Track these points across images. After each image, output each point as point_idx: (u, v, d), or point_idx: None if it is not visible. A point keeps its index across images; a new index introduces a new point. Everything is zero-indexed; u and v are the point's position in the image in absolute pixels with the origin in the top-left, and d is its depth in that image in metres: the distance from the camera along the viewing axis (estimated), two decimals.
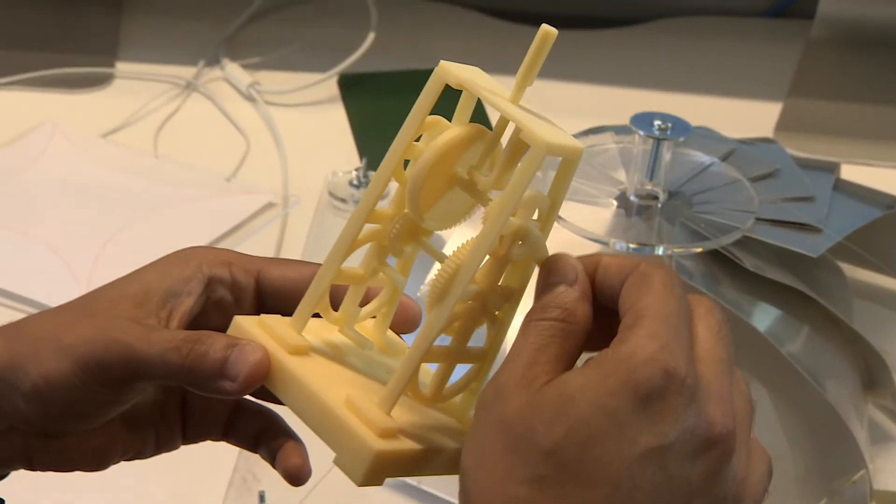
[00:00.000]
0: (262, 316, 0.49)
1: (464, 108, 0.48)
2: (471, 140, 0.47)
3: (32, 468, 0.52)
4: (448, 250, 0.47)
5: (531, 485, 0.42)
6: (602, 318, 0.46)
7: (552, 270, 0.46)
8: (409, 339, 0.49)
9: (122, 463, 0.53)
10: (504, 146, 0.46)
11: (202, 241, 0.94)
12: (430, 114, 0.47)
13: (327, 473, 0.59)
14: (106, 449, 0.52)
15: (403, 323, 0.52)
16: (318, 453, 0.50)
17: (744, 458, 0.44)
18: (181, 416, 0.53)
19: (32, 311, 0.88)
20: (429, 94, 0.46)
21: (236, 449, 0.76)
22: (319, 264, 0.49)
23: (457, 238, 0.72)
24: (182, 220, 0.96)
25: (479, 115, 0.47)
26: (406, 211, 0.48)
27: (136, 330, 0.49)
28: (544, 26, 0.45)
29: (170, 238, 0.94)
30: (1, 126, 1.04)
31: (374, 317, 0.52)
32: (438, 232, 0.51)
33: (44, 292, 0.88)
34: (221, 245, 0.94)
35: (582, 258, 0.47)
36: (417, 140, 0.48)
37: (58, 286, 0.89)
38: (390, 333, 0.52)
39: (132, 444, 0.53)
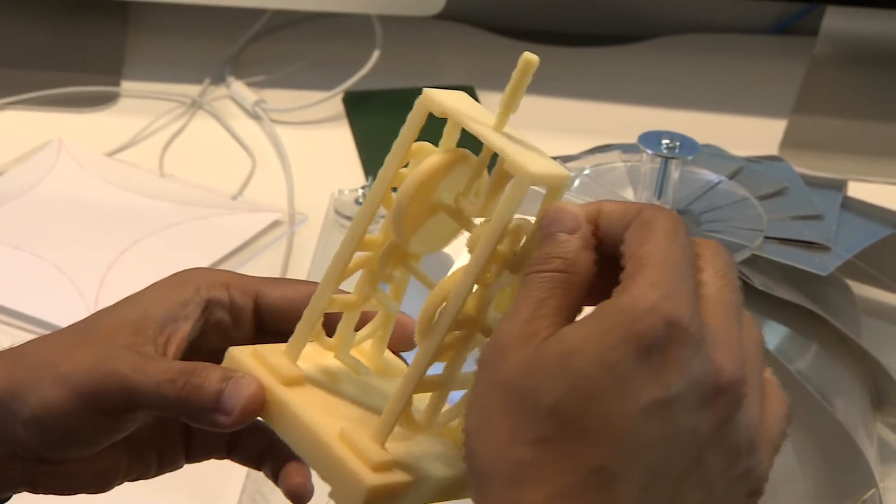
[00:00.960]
0: (257, 346, 0.49)
1: (450, 134, 0.48)
2: (454, 166, 0.47)
3: (35, 491, 0.52)
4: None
5: (535, 445, 0.42)
6: (605, 267, 0.45)
7: (553, 220, 0.45)
8: (409, 357, 0.50)
9: (129, 486, 0.53)
10: (490, 173, 0.47)
11: (209, 260, 0.94)
12: (421, 138, 0.47)
13: None
14: (108, 471, 0.52)
15: (401, 341, 0.52)
16: None
17: (757, 402, 0.43)
18: (184, 436, 0.54)
19: (42, 331, 0.87)
20: (414, 121, 0.47)
21: (244, 469, 0.76)
22: (317, 283, 0.49)
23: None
24: (188, 238, 0.96)
25: (470, 136, 0.47)
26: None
27: (132, 360, 0.49)
28: (525, 54, 0.45)
29: (176, 257, 0.94)
30: (7, 145, 1.04)
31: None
32: (448, 251, 0.51)
33: (53, 313, 0.88)
34: (228, 264, 0.94)
35: (583, 206, 0.45)
36: (405, 167, 0.48)
37: (66, 306, 0.89)
38: (388, 354, 0.52)
39: (135, 466, 0.53)
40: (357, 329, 0.51)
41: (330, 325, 0.50)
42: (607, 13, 1.24)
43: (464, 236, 0.48)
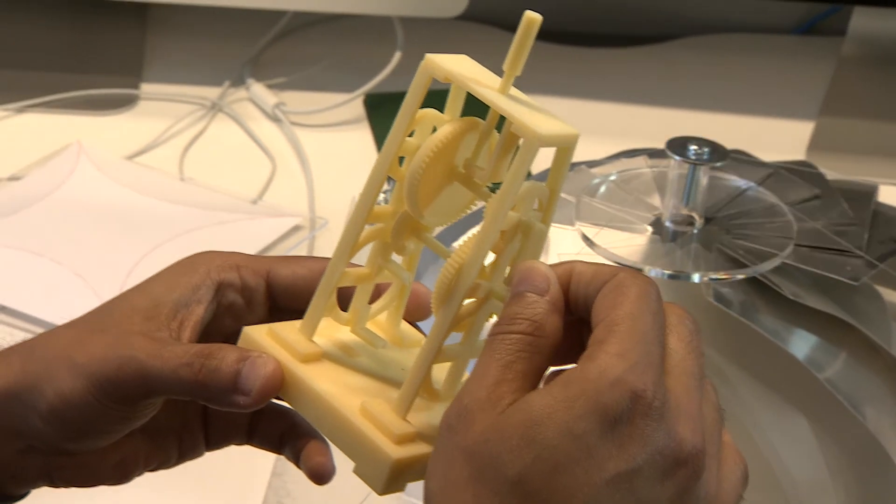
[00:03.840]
0: (272, 325, 0.49)
1: (455, 98, 0.47)
2: (465, 134, 0.47)
3: (54, 485, 0.52)
4: None
5: None
6: (573, 329, 0.45)
7: (522, 279, 0.45)
8: (425, 326, 0.49)
9: (154, 486, 0.53)
10: (498, 137, 0.46)
11: None
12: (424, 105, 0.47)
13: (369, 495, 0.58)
14: (128, 462, 0.52)
15: (416, 311, 0.51)
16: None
17: (714, 470, 0.43)
18: (203, 422, 0.53)
19: None
20: (417, 88, 0.46)
21: (269, 469, 0.75)
22: (328, 258, 0.49)
23: None
24: (208, 243, 0.95)
25: (474, 100, 0.46)
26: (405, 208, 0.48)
27: (147, 346, 0.48)
28: (528, 12, 0.45)
29: None
30: (27, 148, 1.03)
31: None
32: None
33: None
34: None
35: (555, 266, 0.45)
36: (411, 136, 0.47)
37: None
38: (404, 325, 0.51)
39: (155, 455, 0.52)
40: (371, 301, 0.51)
41: (344, 298, 0.50)
42: (631, 14, 1.23)
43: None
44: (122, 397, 0.49)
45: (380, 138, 1.08)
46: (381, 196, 0.49)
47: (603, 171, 0.81)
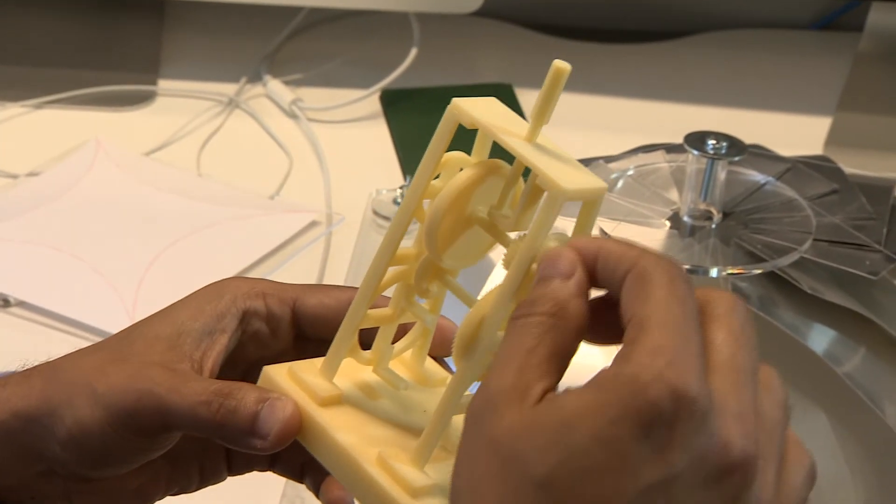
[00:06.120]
0: (293, 364, 0.49)
1: (482, 143, 0.47)
2: (486, 178, 0.46)
3: None
4: None
5: None
6: (610, 308, 0.42)
7: (547, 264, 0.43)
8: (451, 361, 0.48)
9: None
10: (524, 185, 0.45)
11: (246, 261, 0.93)
12: (456, 138, 0.46)
13: None
14: (148, 487, 0.51)
15: (442, 347, 0.50)
16: None
17: (772, 476, 0.40)
18: (225, 449, 0.53)
19: (79, 332, 0.87)
20: (443, 132, 0.45)
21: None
22: (355, 289, 0.48)
23: None
24: (226, 239, 0.95)
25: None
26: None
27: (167, 380, 0.48)
28: (556, 62, 0.43)
29: (213, 258, 0.93)
30: (45, 144, 1.04)
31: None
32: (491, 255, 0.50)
33: (91, 314, 0.88)
34: (265, 265, 0.94)
35: (581, 245, 0.43)
36: (436, 178, 0.47)
37: (104, 308, 0.88)
38: (429, 361, 0.51)
39: (176, 480, 0.52)
40: (395, 338, 0.50)
41: (368, 334, 0.49)
42: (647, 9, 1.23)
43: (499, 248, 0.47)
44: (140, 430, 0.48)
45: (396, 135, 1.08)
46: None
47: (621, 166, 0.81)
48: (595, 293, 0.44)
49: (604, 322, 0.42)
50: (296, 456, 0.52)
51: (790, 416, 0.42)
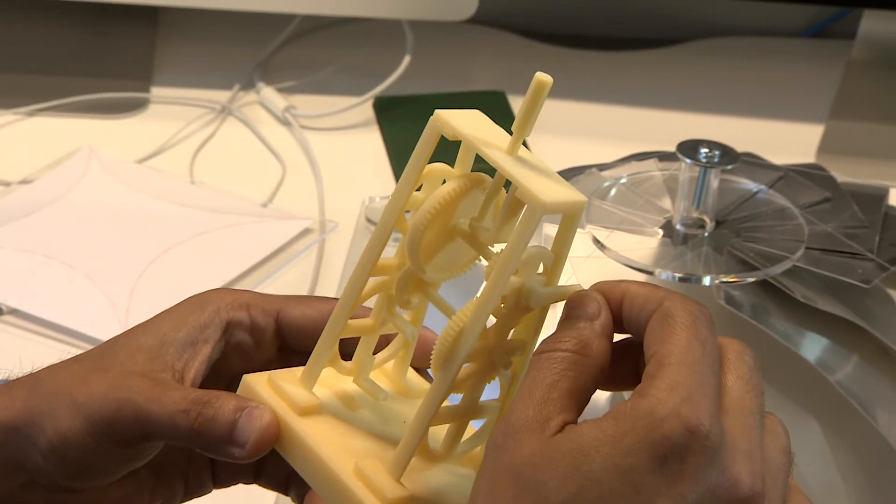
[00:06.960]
0: (272, 373, 0.49)
1: (465, 155, 0.47)
2: (471, 191, 0.46)
3: None
4: None
5: None
6: (631, 353, 0.44)
7: (575, 305, 0.45)
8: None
9: None
10: (505, 197, 0.46)
11: (239, 269, 0.93)
12: (439, 149, 0.46)
13: None
14: (132, 498, 0.51)
15: (424, 358, 0.50)
16: None
17: None
18: (210, 461, 0.53)
19: (71, 340, 0.87)
20: (425, 143, 0.46)
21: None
22: (338, 300, 0.48)
23: None
24: (218, 246, 0.95)
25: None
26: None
27: (147, 389, 0.48)
28: (538, 75, 0.44)
29: (206, 265, 0.93)
30: (38, 152, 1.04)
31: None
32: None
33: (83, 322, 0.88)
34: (258, 272, 0.94)
35: (607, 288, 0.45)
36: (419, 189, 0.47)
37: (96, 315, 0.88)
38: (410, 373, 0.51)
39: (160, 492, 0.52)
40: (377, 349, 0.50)
41: (351, 344, 0.49)
42: (640, 16, 1.23)
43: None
44: (120, 439, 0.48)
45: (389, 142, 1.08)
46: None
47: (613, 174, 0.81)
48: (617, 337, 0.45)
49: (620, 368, 0.44)
50: (281, 468, 0.52)
51: (793, 461, 0.43)
